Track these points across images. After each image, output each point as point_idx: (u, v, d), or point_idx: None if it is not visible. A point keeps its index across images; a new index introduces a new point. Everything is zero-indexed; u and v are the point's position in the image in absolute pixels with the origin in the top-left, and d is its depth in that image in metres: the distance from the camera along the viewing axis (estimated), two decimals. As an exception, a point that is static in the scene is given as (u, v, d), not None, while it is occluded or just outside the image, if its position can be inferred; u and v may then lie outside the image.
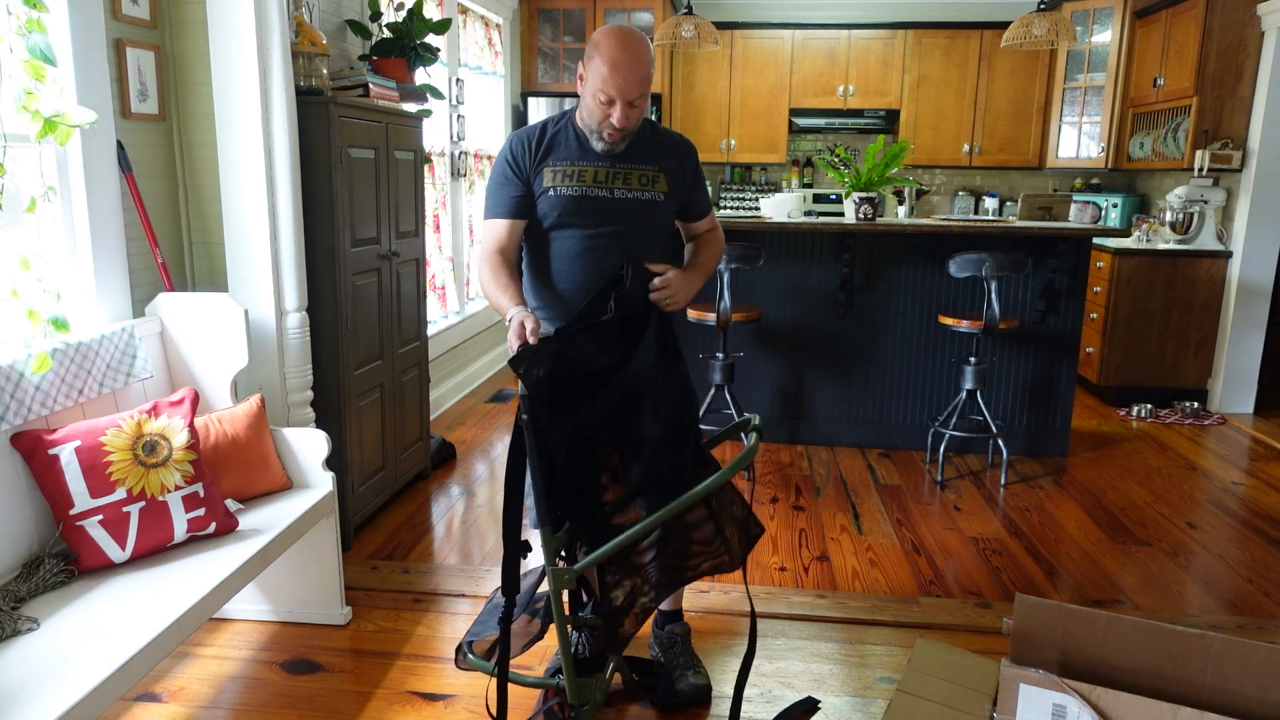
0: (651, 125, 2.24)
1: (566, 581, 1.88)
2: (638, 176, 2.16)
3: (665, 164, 2.21)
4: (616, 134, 2.08)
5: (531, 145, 2.16)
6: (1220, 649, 1.65)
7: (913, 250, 4.33)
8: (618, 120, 2.05)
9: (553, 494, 1.85)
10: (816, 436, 4.57)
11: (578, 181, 2.13)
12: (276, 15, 2.66)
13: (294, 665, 2.46)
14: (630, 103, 2.03)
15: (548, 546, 1.86)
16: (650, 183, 2.18)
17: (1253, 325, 5.20)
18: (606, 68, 2.01)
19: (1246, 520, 3.66)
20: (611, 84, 2.01)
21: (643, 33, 2.10)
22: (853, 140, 7.20)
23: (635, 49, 2.02)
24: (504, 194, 2.16)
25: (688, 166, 2.26)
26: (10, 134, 1.99)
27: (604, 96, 2.03)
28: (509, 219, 2.16)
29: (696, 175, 2.30)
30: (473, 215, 5.63)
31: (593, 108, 2.07)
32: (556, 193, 2.13)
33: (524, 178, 2.15)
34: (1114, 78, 6.11)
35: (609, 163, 2.15)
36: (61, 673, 1.66)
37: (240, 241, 2.77)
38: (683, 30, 5.08)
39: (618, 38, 2.03)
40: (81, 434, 2.08)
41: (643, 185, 2.17)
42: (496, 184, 2.18)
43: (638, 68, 2.02)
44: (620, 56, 2.00)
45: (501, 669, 1.88)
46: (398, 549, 3.21)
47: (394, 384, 3.53)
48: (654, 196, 2.18)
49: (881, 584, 3.01)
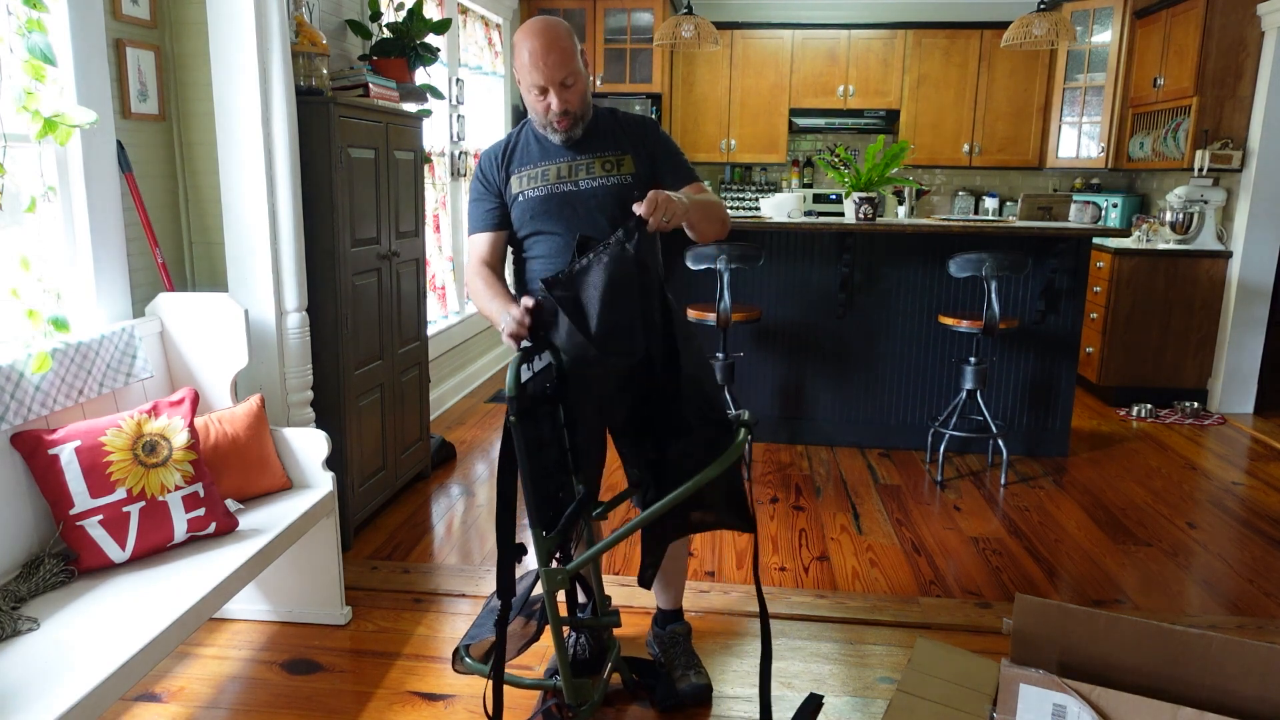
0: (610, 111, 2.24)
1: (560, 582, 1.88)
2: (600, 163, 2.15)
3: (628, 145, 2.18)
4: (565, 119, 2.08)
5: (497, 158, 2.20)
6: (1220, 649, 1.65)
7: (913, 250, 4.33)
8: (557, 105, 2.05)
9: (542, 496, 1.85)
10: (816, 436, 4.57)
11: (542, 181, 2.15)
12: (276, 15, 2.66)
13: (294, 665, 2.46)
14: (562, 83, 2.03)
15: (540, 548, 1.86)
16: (615, 166, 2.16)
17: (1253, 325, 5.20)
18: (527, 58, 2.02)
19: (1246, 520, 3.66)
20: (537, 72, 2.02)
21: (557, 17, 2.12)
22: (853, 140, 7.20)
23: (549, 32, 2.03)
24: (479, 209, 2.22)
25: (649, 139, 2.22)
26: (10, 134, 1.99)
27: (535, 88, 2.05)
28: (489, 232, 2.21)
29: (662, 146, 2.24)
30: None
31: (532, 103, 2.09)
32: (525, 197, 2.15)
33: (494, 190, 2.19)
34: (1114, 78, 6.11)
35: (570, 156, 2.15)
36: (61, 673, 1.66)
37: (240, 241, 2.77)
38: (683, 30, 5.08)
39: (531, 27, 2.05)
40: (81, 434, 2.08)
41: (607, 171, 2.16)
42: (473, 201, 2.24)
43: (554, 49, 2.02)
44: (535, 44, 2.02)
45: (497, 671, 1.88)
46: (398, 549, 3.21)
47: (394, 384, 3.53)
48: (621, 179, 2.16)
49: (881, 584, 3.01)
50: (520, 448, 1.79)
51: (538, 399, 1.89)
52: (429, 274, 4.63)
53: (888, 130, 6.89)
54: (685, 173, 2.25)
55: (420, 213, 3.70)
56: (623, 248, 1.82)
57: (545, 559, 1.87)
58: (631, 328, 1.86)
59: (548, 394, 1.95)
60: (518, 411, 1.77)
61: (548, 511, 1.89)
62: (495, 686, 1.88)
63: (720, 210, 2.20)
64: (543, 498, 1.85)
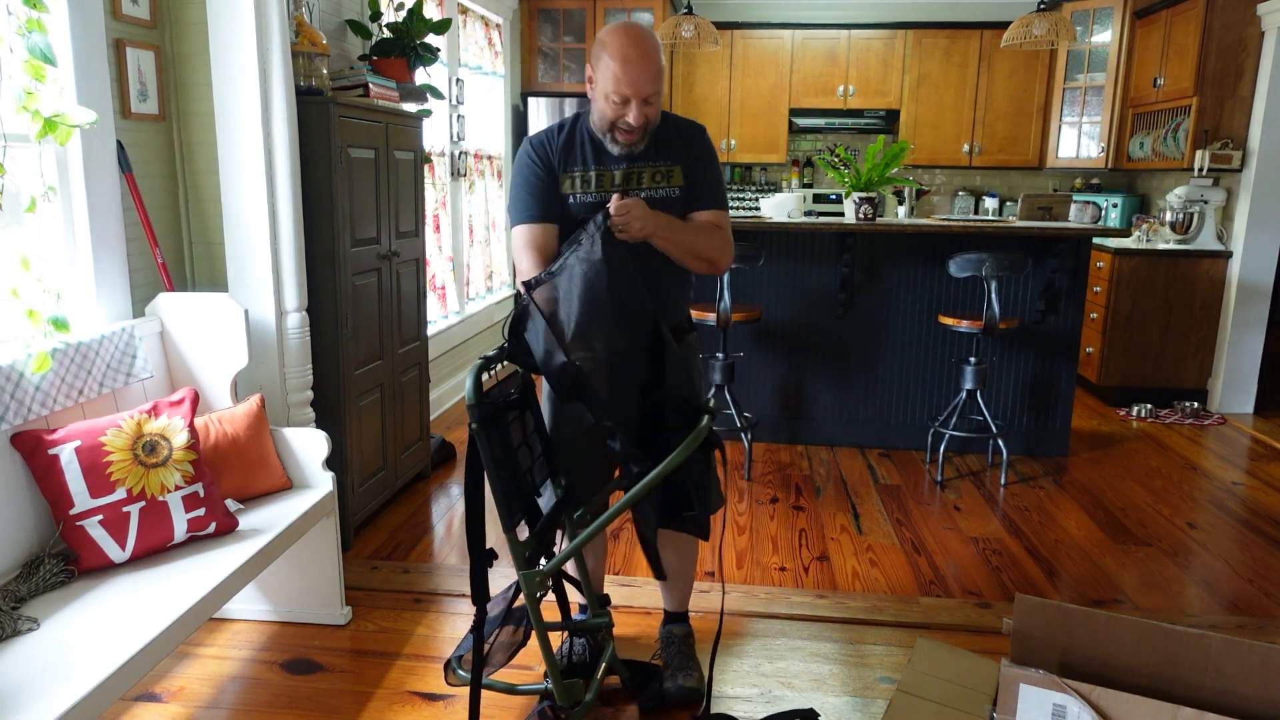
0: (663, 115, 2.13)
1: (539, 585, 1.87)
2: (652, 173, 2.09)
3: (679, 155, 2.11)
4: (633, 133, 2.01)
5: (555, 148, 2.08)
6: (1220, 649, 1.65)
7: (913, 250, 4.33)
8: (634, 118, 1.97)
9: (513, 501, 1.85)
10: (816, 436, 4.57)
11: (596, 187, 2.07)
12: (276, 15, 2.66)
13: (294, 665, 2.45)
14: (645, 99, 1.96)
15: (516, 553, 1.86)
16: (666, 178, 2.10)
17: (1253, 325, 5.20)
18: (617, 64, 1.93)
19: (1246, 520, 3.66)
20: (625, 82, 1.93)
21: (647, 26, 2.08)
22: (853, 140, 7.20)
23: (645, 43, 1.96)
24: (532, 196, 2.07)
25: (694, 149, 2.13)
26: (10, 134, 1.99)
27: (617, 96, 1.95)
28: (546, 223, 2.07)
29: (703, 162, 2.14)
30: (472, 215, 5.63)
31: (605, 109, 2.00)
32: (576, 200, 2.07)
33: (552, 179, 2.07)
34: (1114, 78, 6.11)
35: (624, 164, 2.08)
36: (61, 673, 1.66)
37: (240, 241, 2.77)
38: (683, 30, 5.08)
39: (626, 33, 1.96)
40: (81, 434, 2.08)
41: (656, 182, 2.09)
42: (525, 186, 2.08)
43: (650, 63, 1.95)
44: (631, 52, 1.93)
45: (475, 677, 1.88)
46: (398, 549, 3.21)
47: (394, 384, 3.53)
48: (669, 192, 2.10)
49: (881, 584, 3.01)
50: (486, 454, 1.78)
51: (502, 406, 1.89)
52: (429, 274, 4.63)
53: (888, 130, 6.89)
54: (708, 197, 2.15)
55: (420, 213, 3.70)
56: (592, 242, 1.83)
57: (522, 563, 1.86)
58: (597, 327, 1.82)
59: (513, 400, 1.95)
60: (480, 419, 1.76)
61: (519, 516, 1.88)
62: (473, 692, 1.88)
63: (709, 249, 2.12)
64: (513, 503, 1.85)
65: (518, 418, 1.97)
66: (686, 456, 1.78)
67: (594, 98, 2.04)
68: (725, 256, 2.17)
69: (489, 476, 1.80)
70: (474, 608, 1.87)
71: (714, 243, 2.13)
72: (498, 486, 1.80)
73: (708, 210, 2.14)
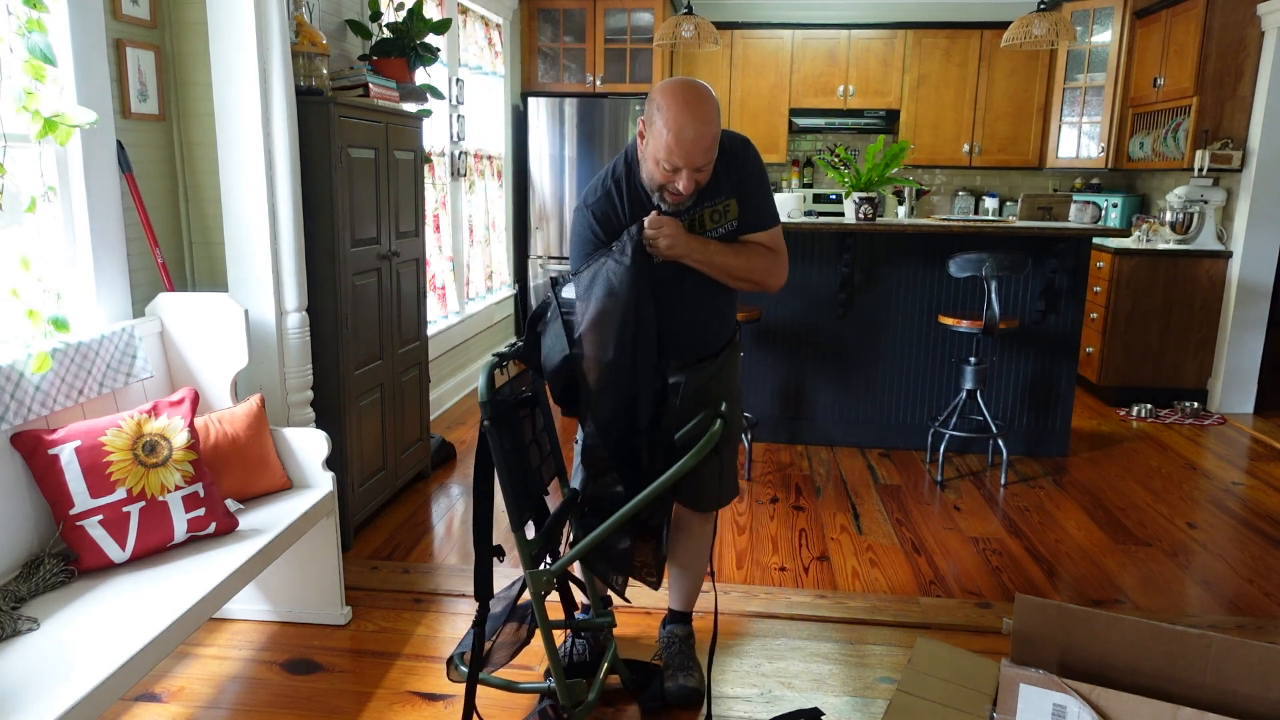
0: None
1: (545, 584, 1.88)
2: (709, 214, 2.03)
3: (731, 186, 2.04)
4: (680, 197, 1.94)
5: (616, 214, 2.01)
6: (1220, 649, 1.65)
7: (913, 250, 4.33)
8: (684, 187, 1.91)
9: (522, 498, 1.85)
10: (816, 436, 4.57)
11: None
12: (276, 15, 2.66)
13: (294, 665, 2.46)
14: (697, 169, 1.89)
15: (523, 551, 1.86)
16: (722, 215, 2.04)
17: (1253, 325, 5.20)
18: (670, 135, 1.84)
19: (1246, 520, 3.66)
20: (677, 154, 1.85)
21: (706, 86, 1.90)
22: (853, 140, 7.20)
23: (702, 111, 1.85)
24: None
25: (742, 171, 2.06)
26: (10, 134, 1.99)
27: (668, 165, 1.88)
28: None
29: (751, 182, 2.08)
30: (472, 215, 5.63)
31: (654, 172, 1.93)
32: None
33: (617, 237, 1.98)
34: (1114, 78, 6.11)
35: (686, 215, 2.01)
36: (61, 673, 1.66)
37: (240, 241, 2.77)
38: (683, 30, 5.08)
39: (682, 99, 1.85)
40: (81, 434, 2.08)
41: (716, 222, 2.03)
42: (586, 246, 2.02)
43: (705, 134, 1.86)
44: (685, 122, 1.83)
45: (472, 674, 1.89)
46: (398, 549, 3.21)
47: (394, 384, 3.53)
48: (728, 227, 2.05)
49: (881, 584, 3.01)
50: (497, 452, 1.79)
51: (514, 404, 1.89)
52: (429, 274, 4.63)
53: (888, 130, 6.89)
54: (758, 218, 2.09)
55: (420, 213, 3.70)
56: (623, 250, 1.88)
57: (529, 562, 1.86)
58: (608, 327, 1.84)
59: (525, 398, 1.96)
60: (491, 416, 1.77)
61: (528, 514, 1.89)
62: (469, 689, 1.89)
63: (753, 271, 2.06)
64: (522, 501, 1.85)
65: (528, 415, 1.98)
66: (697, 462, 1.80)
67: (643, 156, 1.96)
68: (772, 278, 2.11)
69: (499, 474, 1.81)
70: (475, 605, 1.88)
71: (757, 265, 2.08)
72: (507, 484, 1.80)
73: (758, 233, 2.10)
